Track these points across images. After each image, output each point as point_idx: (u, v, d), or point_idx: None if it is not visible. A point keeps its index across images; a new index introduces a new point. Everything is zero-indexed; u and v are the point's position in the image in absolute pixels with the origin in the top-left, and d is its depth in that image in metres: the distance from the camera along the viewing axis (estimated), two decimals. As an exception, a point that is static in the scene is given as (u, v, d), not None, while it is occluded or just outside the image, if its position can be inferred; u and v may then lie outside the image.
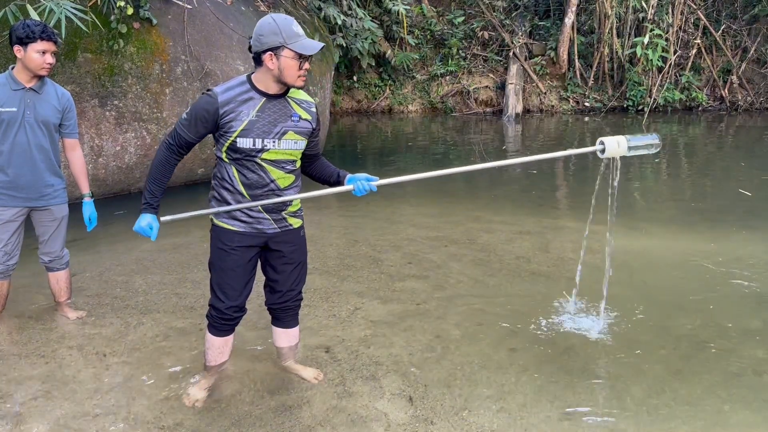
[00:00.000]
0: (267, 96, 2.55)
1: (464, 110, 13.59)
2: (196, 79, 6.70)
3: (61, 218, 3.51)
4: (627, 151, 2.99)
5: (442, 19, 14.54)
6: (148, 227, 2.63)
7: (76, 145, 3.54)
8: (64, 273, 3.69)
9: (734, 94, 12.85)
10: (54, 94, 3.37)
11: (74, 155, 3.53)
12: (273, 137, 2.55)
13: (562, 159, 9.12)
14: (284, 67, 2.47)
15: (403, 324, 3.58)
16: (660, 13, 12.52)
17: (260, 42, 2.47)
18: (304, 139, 2.65)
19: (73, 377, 3.03)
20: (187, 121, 2.54)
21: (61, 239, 3.57)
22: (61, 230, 3.54)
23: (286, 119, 2.58)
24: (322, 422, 2.65)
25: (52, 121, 3.35)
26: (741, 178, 7.43)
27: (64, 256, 3.63)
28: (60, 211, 3.50)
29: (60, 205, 3.49)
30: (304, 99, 2.68)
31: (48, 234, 3.50)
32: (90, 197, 3.57)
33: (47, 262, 3.60)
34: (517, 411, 2.73)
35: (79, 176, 3.55)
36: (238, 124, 2.50)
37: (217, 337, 2.84)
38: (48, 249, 3.54)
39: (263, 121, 2.53)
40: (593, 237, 5.15)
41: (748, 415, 2.70)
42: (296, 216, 2.79)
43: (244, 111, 2.51)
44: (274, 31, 2.44)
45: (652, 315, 3.64)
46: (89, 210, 3.56)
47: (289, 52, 2.45)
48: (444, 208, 6.21)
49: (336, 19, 10.07)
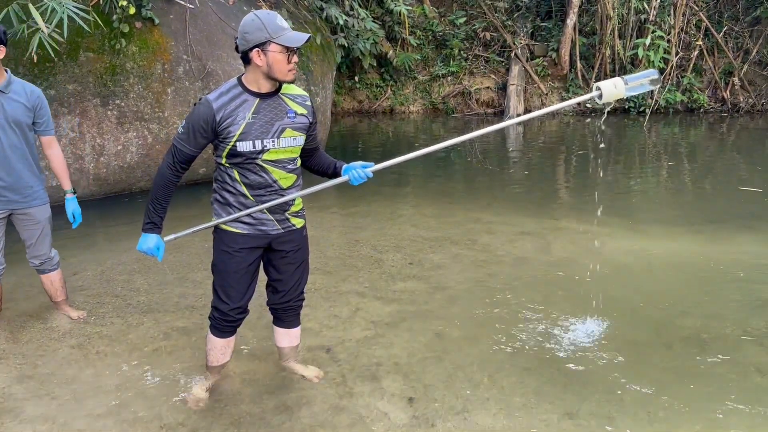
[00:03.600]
0: (260, 96, 2.52)
1: (465, 111, 13.58)
2: (197, 78, 6.71)
3: (44, 221, 3.45)
4: (625, 92, 2.76)
5: (444, 20, 14.54)
6: (156, 248, 2.63)
7: (53, 142, 3.46)
8: (57, 274, 3.64)
9: (736, 95, 12.83)
10: (23, 92, 3.26)
11: (53, 153, 3.45)
12: (272, 137, 2.53)
13: (563, 158, 9.13)
14: (273, 62, 2.44)
15: (403, 324, 3.58)
16: (662, 14, 12.51)
17: (246, 40, 2.44)
18: (302, 134, 2.64)
19: (75, 376, 3.03)
20: (185, 134, 2.51)
21: (48, 241, 3.51)
22: (46, 233, 3.48)
23: (283, 117, 2.56)
24: (322, 422, 2.65)
25: (24, 121, 3.26)
26: (742, 180, 7.42)
27: (53, 257, 3.58)
28: (42, 214, 3.43)
29: (41, 207, 3.42)
30: (298, 94, 2.65)
31: (34, 238, 3.44)
32: (72, 194, 3.52)
33: (38, 266, 3.55)
34: (517, 412, 2.73)
35: (60, 174, 3.49)
36: (236, 129, 2.48)
37: (219, 338, 2.84)
38: (36, 252, 3.49)
39: (260, 121, 2.51)
40: (594, 237, 5.16)
41: (748, 416, 2.70)
42: (299, 216, 2.79)
43: (240, 114, 2.48)
44: (259, 27, 2.42)
45: (652, 316, 3.64)
46: (72, 206, 3.50)
47: (276, 47, 2.42)
48: (444, 209, 6.21)
49: (338, 20, 10.07)
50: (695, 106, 12.82)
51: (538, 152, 9.68)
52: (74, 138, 6.08)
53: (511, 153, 9.80)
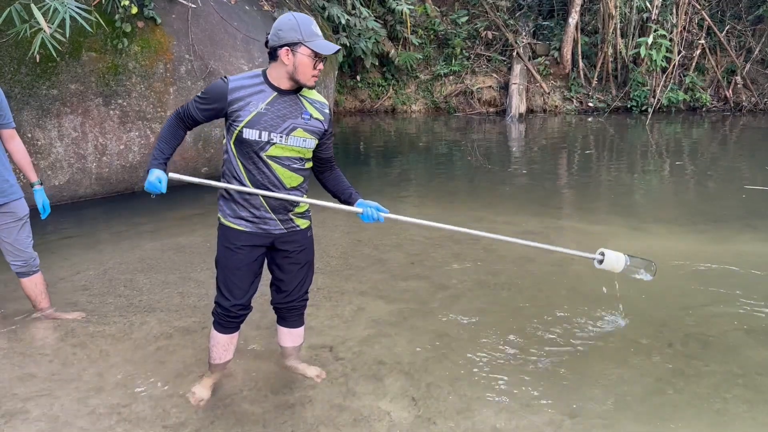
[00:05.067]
0: (279, 91, 2.56)
1: (467, 110, 13.58)
2: (199, 78, 6.71)
3: (24, 216, 3.42)
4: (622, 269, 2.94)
5: (446, 19, 14.54)
6: (157, 181, 2.58)
7: (14, 134, 3.42)
8: (40, 276, 3.58)
9: (738, 94, 12.81)
10: None
11: (14, 145, 3.42)
12: (281, 132, 2.55)
13: (565, 157, 9.12)
14: (299, 65, 2.49)
15: (406, 324, 3.58)
16: (664, 13, 12.50)
17: (278, 36, 2.49)
18: (313, 138, 2.65)
19: (77, 376, 3.04)
20: (200, 98, 2.59)
21: (30, 240, 3.47)
22: (26, 229, 3.44)
23: (297, 116, 2.58)
24: (324, 421, 2.65)
25: None
26: (745, 179, 7.41)
27: (35, 257, 3.52)
28: (22, 209, 3.40)
29: (19, 201, 3.39)
30: (317, 99, 2.68)
31: (14, 236, 3.39)
32: (39, 185, 3.49)
33: (20, 267, 3.47)
34: (519, 411, 2.73)
35: (24, 166, 3.45)
36: (245, 114, 2.52)
37: (222, 334, 2.85)
38: (17, 252, 3.43)
39: (271, 114, 2.54)
40: (596, 237, 5.16)
41: (751, 415, 2.69)
42: (304, 217, 2.79)
43: (253, 102, 2.52)
44: (294, 28, 2.47)
45: (655, 315, 3.64)
46: (41, 198, 3.48)
47: (306, 50, 2.47)
48: (447, 208, 6.21)
49: (340, 19, 10.08)
50: (697, 104, 12.80)
51: (540, 151, 9.67)
52: (77, 138, 6.09)
53: (514, 152, 9.79)
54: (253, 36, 7.28)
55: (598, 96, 13.22)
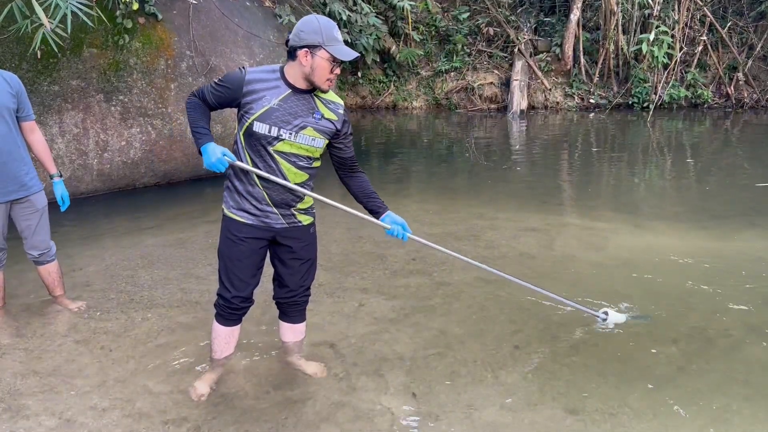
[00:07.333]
0: (294, 89, 2.57)
1: (469, 107, 13.55)
2: (201, 74, 6.71)
3: (42, 208, 3.47)
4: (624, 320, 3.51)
5: (447, 15, 14.50)
6: (222, 154, 2.52)
7: (35, 127, 3.47)
8: (55, 265, 3.68)
9: (740, 91, 12.77)
10: (2, 79, 3.28)
11: (35, 138, 3.46)
12: (290, 129, 2.57)
13: (566, 154, 9.11)
14: (316, 67, 2.50)
15: (407, 320, 3.58)
16: (666, 9, 12.46)
17: (299, 37, 2.50)
18: (323, 138, 2.66)
19: (79, 371, 3.04)
20: (217, 84, 2.61)
21: (47, 230, 3.54)
22: (44, 221, 3.51)
23: (308, 115, 2.60)
24: (326, 417, 2.66)
25: (9, 106, 3.27)
26: (747, 176, 7.40)
27: (52, 247, 3.61)
28: (40, 201, 3.46)
29: (38, 194, 3.45)
30: (332, 100, 2.69)
31: (33, 227, 3.46)
32: (59, 177, 3.54)
33: (37, 257, 3.57)
34: (521, 407, 2.73)
35: (44, 158, 3.49)
36: (257, 108, 2.53)
37: (223, 326, 2.87)
38: (35, 242, 3.51)
39: (283, 111, 2.55)
40: (598, 234, 5.15)
41: (753, 412, 2.69)
42: (306, 213, 2.80)
43: (267, 96, 2.54)
44: (316, 30, 2.48)
45: (657, 312, 3.64)
46: (60, 190, 3.53)
47: (325, 54, 2.48)
48: (448, 205, 6.20)
49: (341, 15, 10.05)
50: (699, 101, 12.77)
51: (541, 147, 9.65)
52: (78, 134, 6.09)
53: (515, 148, 9.78)
54: (254, 32, 7.27)
55: (599, 92, 13.19)
